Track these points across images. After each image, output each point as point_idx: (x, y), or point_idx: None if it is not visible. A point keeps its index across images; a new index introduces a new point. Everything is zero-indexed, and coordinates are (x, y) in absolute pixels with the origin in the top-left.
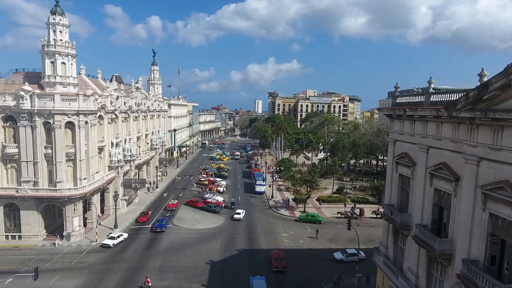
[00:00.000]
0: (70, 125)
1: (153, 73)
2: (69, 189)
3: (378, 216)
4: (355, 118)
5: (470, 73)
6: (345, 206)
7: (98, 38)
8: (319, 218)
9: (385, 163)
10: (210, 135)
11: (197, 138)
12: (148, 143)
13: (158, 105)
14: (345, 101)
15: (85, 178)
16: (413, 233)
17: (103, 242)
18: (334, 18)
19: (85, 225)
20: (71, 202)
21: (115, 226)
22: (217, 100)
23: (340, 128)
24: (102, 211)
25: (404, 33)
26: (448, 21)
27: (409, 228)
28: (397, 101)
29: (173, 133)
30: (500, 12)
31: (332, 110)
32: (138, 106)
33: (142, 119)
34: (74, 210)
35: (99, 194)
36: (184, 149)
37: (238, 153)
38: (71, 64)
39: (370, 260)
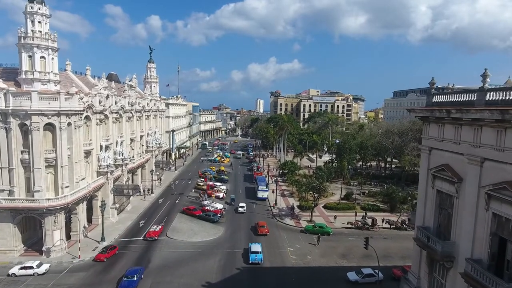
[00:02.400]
0: (50, 127)
1: (150, 71)
2: (48, 199)
3: (392, 226)
4: (359, 118)
5: (470, 73)
6: (355, 215)
7: (99, 38)
8: (328, 229)
9: (393, 166)
10: (211, 135)
11: (197, 139)
12: (143, 145)
13: (155, 104)
14: (349, 101)
15: (67, 186)
16: (461, 270)
17: None
18: (334, 17)
19: (69, 237)
20: (51, 213)
21: (102, 239)
22: (218, 99)
23: (344, 129)
24: (90, 221)
25: (404, 33)
26: (448, 20)
27: (453, 260)
28: (434, 100)
29: (171, 134)
30: (500, 11)
31: (335, 110)
32: (132, 105)
33: (137, 120)
34: (55, 223)
35: (85, 203)
36: (183, 150)
37: (240, 152)
38: (52, 58)
39: (389, 281)
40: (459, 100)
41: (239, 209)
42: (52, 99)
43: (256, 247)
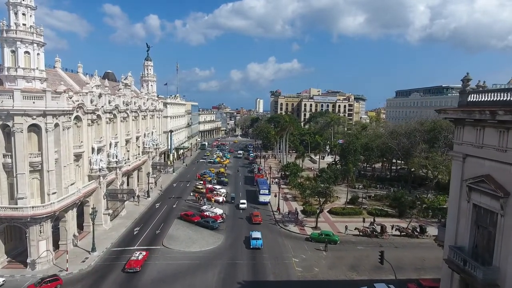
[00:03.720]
0: (35, 128)
1: (147, 69)
2: (33, 207)
3: (402, 233)
4: (360, 118)
5: (470, 72)
6: (363, 221)
7: (98, 38)
8: (335, 238)
9: (398, 167)
10: (210, 135)
11: (196, 139)
12: (139, 147)
13: (152, 104)
14: (350, 101)
15: (54, 193)
16: None
17: None
18: (332, 17)
19: (57, 247)
20: (36, 222)
21: (93, 249)
22: (217, 99)
23: (346, 129)
24: (82, 228)
25: (403, 32)
26: (446, 20)
27: None
28: (470, 99)
29: (169, 135)
30: (498, 11)
31: (337, 110)
32: (127, 105)
33: (132, 120)
34: (40, 232)
35: (75, 209)
36: (181, 151)
37: (241, 152)
38: (38, 54)
39: None
40: (505, 99)
41: (240, 205)
42: (37, 98)
43: (256, 234)
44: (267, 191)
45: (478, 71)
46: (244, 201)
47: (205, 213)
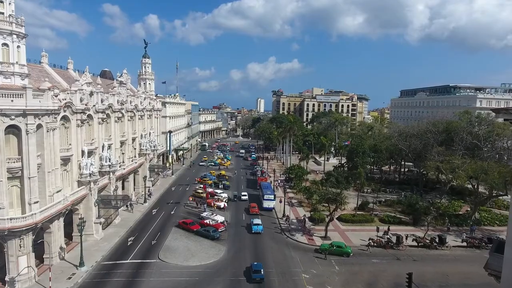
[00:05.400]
0: (14, 130)
1: (145, 67)
2: (11, 218)
3: (420, 244)
4: (363, 118)
5: (468, 72)
6: (377, 230)
7: (98, 37)
8: (347, 249)
9: (406, 169)
10: (211, 135)
11: (197, 140)
12: (135, 148)
13: (149, 103)
14: (353, 100)
15: (36, 202)
16: None
17: None
18: (331, 17)
19: (42, 261)
20: (14, 236)
21: (81, 264)
22: (218, 99)
23: (349, 129)
24: (71, 238)
25: (402, 32)
26: (445, 20)
27: None
28: None
29: (168, 135)
30: (497, 11)
31: (340, 110)
32: (122, 104)
33: (128, 120)
34: (20, 247)
35: (62, 219)
36: (180, 152)
37: (243, 151)
38: (18, 47)
39: None
40: None
41: (242, 197)
42: (16, 96)
43: (257, 220)
44: (272, 196)
45: (477, 71)
46: (245, 193)
47: (205, 221)
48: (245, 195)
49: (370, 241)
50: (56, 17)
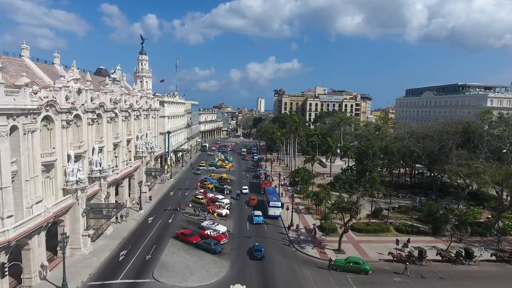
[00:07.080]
0: None
1: (141, 64)
2: None
3: (444, 258)
4: (367, 118)
5: (467, 72)
6: (397, 243)
7: (97, 37)
8: (365, 266)
9: (417, 172)
10: (212, 136)
11: (197, 140)
12: (131, 151)
13: (146, 102)
14: (357, 100)
15: (10, 216)
16: None
17: None
18: (330, 17)
19: (20, 282)
20: None
21: (64, 285)
22: (217, 99)
23: (353, 129)
24: (55, 252)
25: (401, 32)
26: (444, 19)
27: None
28: None
29: (166, 136)
30: (496, 10)
31: (343, 109)
32: (116, 103)
33: (123, 121)
34: None
35: (43, 233)
36: (180, 154)
37: (245, 150)
38: None
39: None
40: None
41: (243, 191)
42: None
43: (258, 212)
44: (279, 203)
45: (476, 71)
46: (246, 186)
47: (205, 232)
48: (245, 189)
49: (390, 255)
50: (55, 17)
